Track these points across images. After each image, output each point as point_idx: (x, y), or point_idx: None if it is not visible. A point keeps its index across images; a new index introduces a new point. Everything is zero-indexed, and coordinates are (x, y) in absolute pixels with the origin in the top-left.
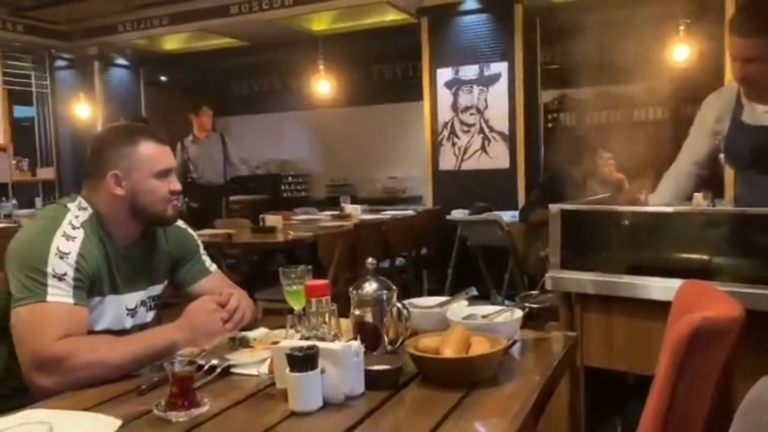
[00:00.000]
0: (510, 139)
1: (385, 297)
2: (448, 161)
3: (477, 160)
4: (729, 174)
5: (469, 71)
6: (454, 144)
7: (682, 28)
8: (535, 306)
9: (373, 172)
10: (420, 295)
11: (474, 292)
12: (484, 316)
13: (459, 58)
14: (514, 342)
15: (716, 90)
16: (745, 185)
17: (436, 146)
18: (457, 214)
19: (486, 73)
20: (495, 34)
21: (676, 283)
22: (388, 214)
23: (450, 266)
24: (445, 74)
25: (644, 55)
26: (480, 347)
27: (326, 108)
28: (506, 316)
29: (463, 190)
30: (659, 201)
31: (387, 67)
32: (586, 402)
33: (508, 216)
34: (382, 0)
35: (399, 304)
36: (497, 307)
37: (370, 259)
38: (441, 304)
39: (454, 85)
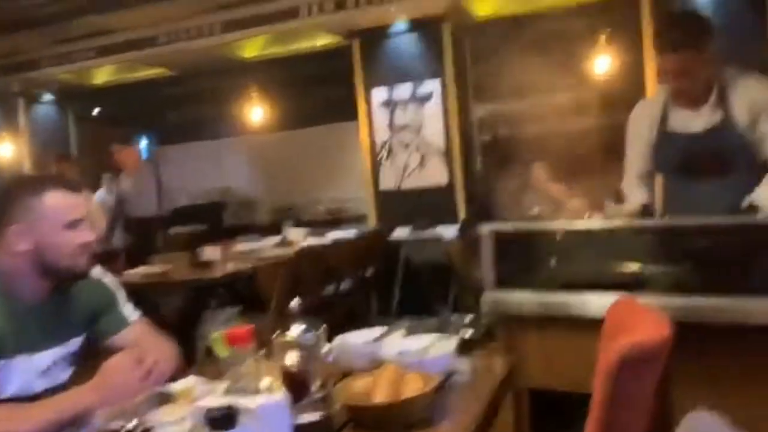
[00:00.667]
0: (447, 155)
1: (310, 341)
2: (389, 181)
3: (417, 177)
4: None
5: (403, 91)
6: (393, 163)
7: (603, 37)
8: (470, 333)
9: (315, 194)
10: (367, 317)
11: (405, 327)
12: (419, 350)
13: (392, 78)
14: (451, 375)
15: (639, 102)
16: (673, 192)
17: (375, 166)
18: (401, 233)
19: (419, 91)
20: (425, 53)
21: (610, 298)
22: (332, 237)
23: (396, 285)
24: (380, 94)
25: (570, 66)
26: (414, 385)
27: (264, 133)
28: (442, 346)
29: (405, 209)
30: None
31: (321, 90)
32: (532, 424)
33: (451, 231)
34: (310, 24)
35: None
36: (433, 336)
37: (293, 303)
38: (376, 339)
39: (390, 104)
